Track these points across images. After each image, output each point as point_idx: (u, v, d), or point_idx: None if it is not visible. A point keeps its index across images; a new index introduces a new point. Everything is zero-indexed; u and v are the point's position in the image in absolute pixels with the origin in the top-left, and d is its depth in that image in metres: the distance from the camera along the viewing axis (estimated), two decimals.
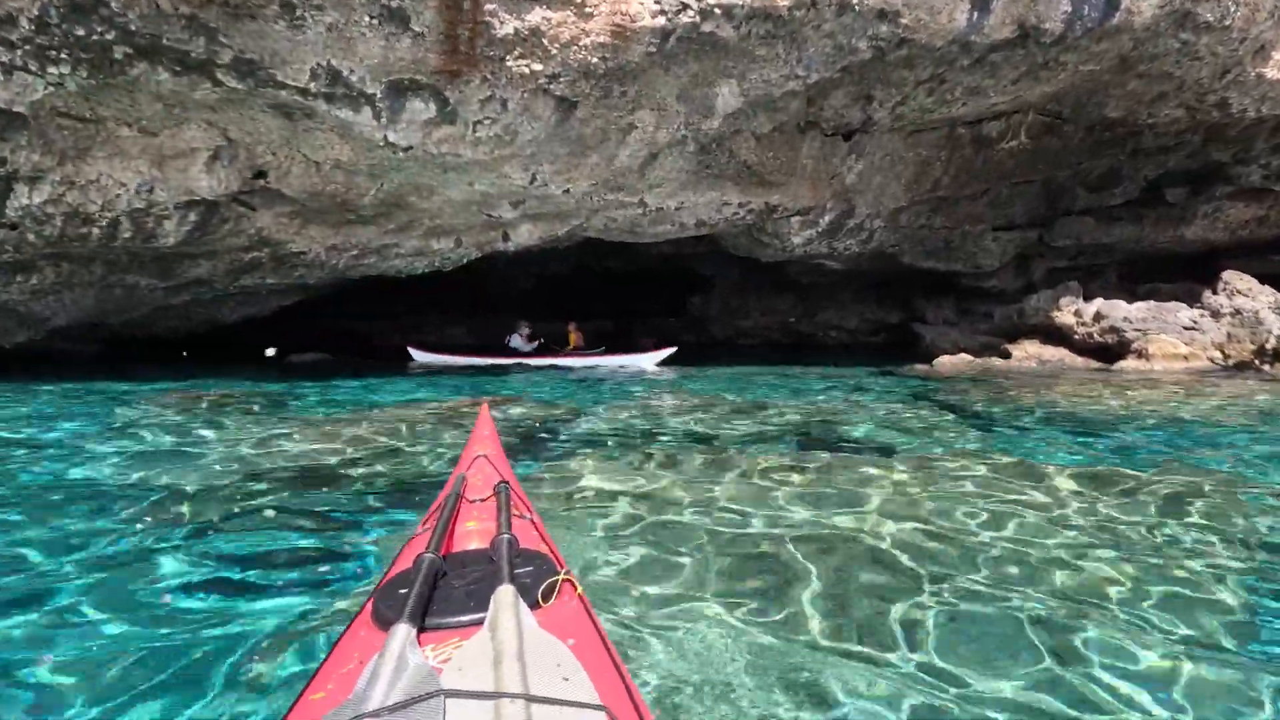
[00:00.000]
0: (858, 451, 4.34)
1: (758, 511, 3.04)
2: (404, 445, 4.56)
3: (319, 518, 3.03)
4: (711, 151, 9.10)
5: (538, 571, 1.30)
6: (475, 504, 1.75)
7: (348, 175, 7.76)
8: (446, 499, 1.71)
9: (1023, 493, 3.32)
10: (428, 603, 1.16)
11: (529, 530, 1.61)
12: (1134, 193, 12.76)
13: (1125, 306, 11.34)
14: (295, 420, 5.57)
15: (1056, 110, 10.64)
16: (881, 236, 12.61)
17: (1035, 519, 2.96)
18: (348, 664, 1.07)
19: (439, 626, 1.13)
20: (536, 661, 0.94)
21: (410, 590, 1.15)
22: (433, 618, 1.14)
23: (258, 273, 9.43)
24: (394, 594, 1.20)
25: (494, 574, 1.24)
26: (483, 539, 1.51)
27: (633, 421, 5.55)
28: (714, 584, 2.31)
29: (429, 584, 1.20)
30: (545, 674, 0.92)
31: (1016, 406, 6.48)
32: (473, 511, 1.70)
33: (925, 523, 2.92)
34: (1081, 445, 4.70)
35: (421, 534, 1.63)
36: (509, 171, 8.04)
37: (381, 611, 1.18)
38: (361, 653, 1.07)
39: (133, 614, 2.07)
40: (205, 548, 2.65)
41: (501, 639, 0.98)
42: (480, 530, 1.58)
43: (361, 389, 8.46)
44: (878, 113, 9.90)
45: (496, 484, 1.80)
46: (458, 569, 1.32)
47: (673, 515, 3.00)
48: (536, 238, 10.32)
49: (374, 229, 9.12)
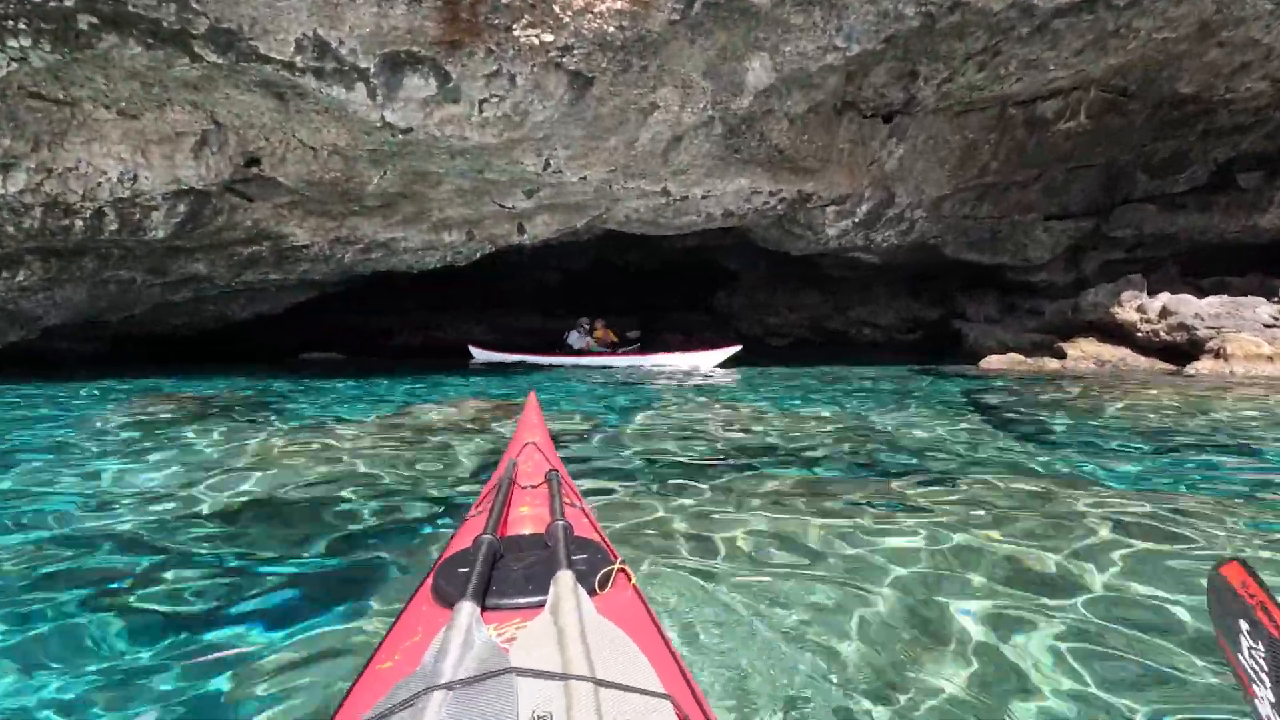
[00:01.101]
0: (940, 483, 3.54)
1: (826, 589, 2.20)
2: (385, 474, 3.93)
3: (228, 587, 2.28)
4: (740, 134, 8.37)
5: (592, 560, 1.30)
6: (527, 490, 1.77)
7: (347, 162, 7.20)
8: (499, 483, 1.72)
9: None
10: (488, 583, 1.18)
11: (580, 519, 1.62)
12: (1202, 178, 11.71)
13: (1195, 302, 10.34)
14: (264, 433, 4.92)
15: (1121, 86, 9.69)
16: (923, 227, 11.75)
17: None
18: (412, 637, 1.10)
19: (499, 607, 1.14)
20: (600, 646, 0.94)
21: (472, 569, 1.17)
22: (492, 598, 1.15)
23: (260, 268, 8.95)
24: (454, 572, 1.23)
25: (551, 559, 1.25)
26: (535, 524, 1.53)
27: (653, 441, 4.78)
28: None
29: (489, 565, 1.22)
30: (609, 659, 0.92)
31: (1106, 420, 5.48)
32: (525, 497, 1.73)
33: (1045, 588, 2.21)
34: (1211, 475, 3.76)
35: (476, 516, 1.67)
36: (520, 156, 7.41)
37: (442, 588, 1.20)
38: (424, 627, 1.10)
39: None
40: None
41: (564, 622, 0.99)
42: (532, 516, 1.60)
43: (358, 391, 7.91)
44: (922, 91, 9.08)
45: (547, 471, 1.81)
46: (514, 552, 1.33)
47: (715, 603, 2.10)
48: (553, 230, 9.69)
49: (379, 221, 8.57)
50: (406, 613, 1.21)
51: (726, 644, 1.81)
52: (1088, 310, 11.34)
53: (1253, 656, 0.84)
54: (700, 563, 2.38)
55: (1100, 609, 2.04)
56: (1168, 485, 3.47)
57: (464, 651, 0.91)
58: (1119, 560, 2.38)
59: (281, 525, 2.90)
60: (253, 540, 2.70)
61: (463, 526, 1.67)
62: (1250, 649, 0.84)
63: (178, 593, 2.22)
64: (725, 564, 2.38)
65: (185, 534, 2.78)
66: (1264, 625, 0.83)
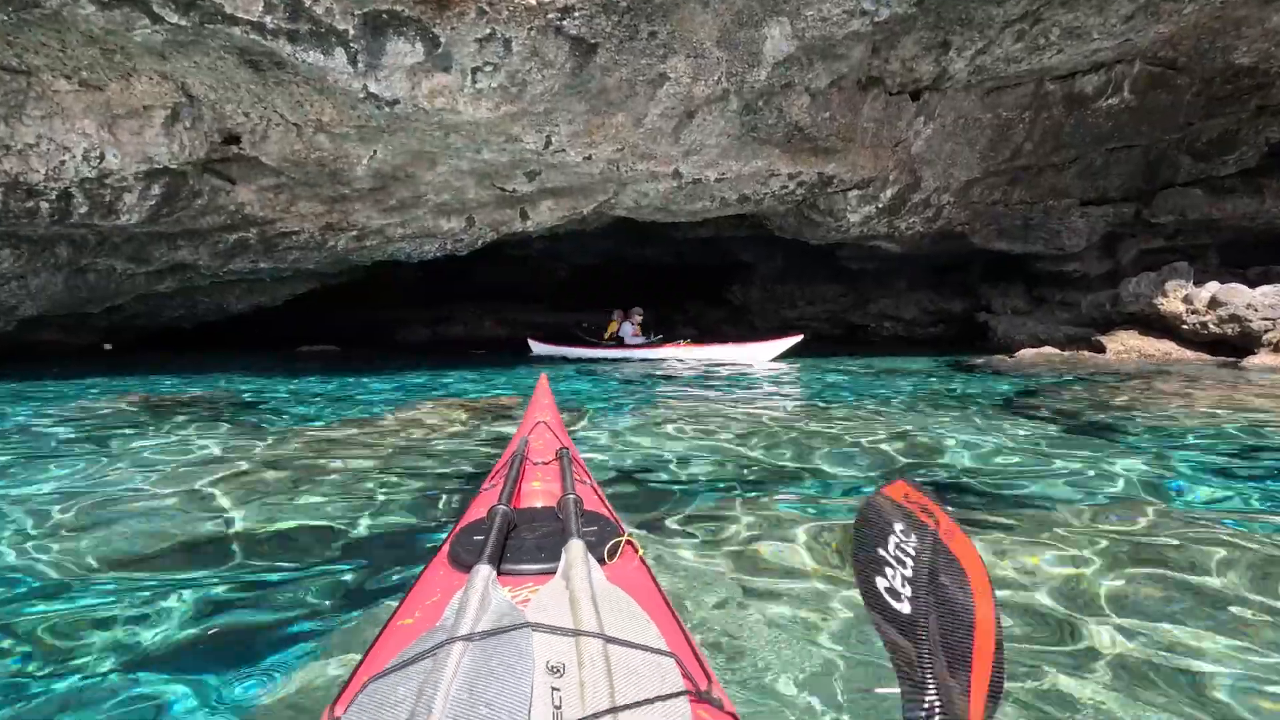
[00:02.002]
0: (1018, 506, 2.81)
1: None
2: (324, 494, 3.07)
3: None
4: (758, 111, 7.77)
5: (601, 532, 1.33)
6: (539, 466, 1.81)
7: (334, 140, 6.70)
8: (512, 459, 1.77)
9: None
10: (502, 550, 1.21)
11: (590, 494, 1.65)
12: (1251, 160, 10.93)
13: (1247, 291, 9.60)
14: (211, 438, 4.27)
15: (1170, 58, 8.97)
16: (950, 214, 11.08)
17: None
18: (431, 597, 1.13)
19: (513, 572, 1.16)
20: (609, 608, 0.97)
21: (487, 537, 1.20)
22: (507, 564, 1.18)
23: (247, 256, 8.49)
24: (470, 539, 1.27)
25: (562, 530, 1.29)
26: (546, 499, 1.57)
27: (649, 447, 4.09)
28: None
29: (503, 533, 1.25)
30: (617, 620, 0.95)
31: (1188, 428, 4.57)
32: (536, 473, 1.76)
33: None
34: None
35: (489, 490, 1.73)
36: (519, 134, 6.87)
37: (459, 554, 1.24)
38: (442, 589, 1.13)
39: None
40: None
41: (576, 586, 1.01)
42: (544, 490, 1.63)
43: (344, 389, 7.42)
44: (954, 64, 8.42)
45: (559, 449, 1.86)
46: (527, 523, 1.36)
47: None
48: (558, 217, 9.15)
49: (372, 206, 8.07)
50: (424, 577, 1.25)
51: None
52: (1129, 301, 10.62)
53: (899, 549, 0.81)
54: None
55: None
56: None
57: (482, 609, 0.93)
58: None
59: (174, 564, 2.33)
60: (131, 582, 2.14)
61: (477, 499, 1.71)
62: (898, 544, 0.82)
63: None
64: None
65: (37, 556, 2.27)
66: (922, 522, 0.81)
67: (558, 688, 0.79)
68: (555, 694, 0.78)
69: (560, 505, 1.41)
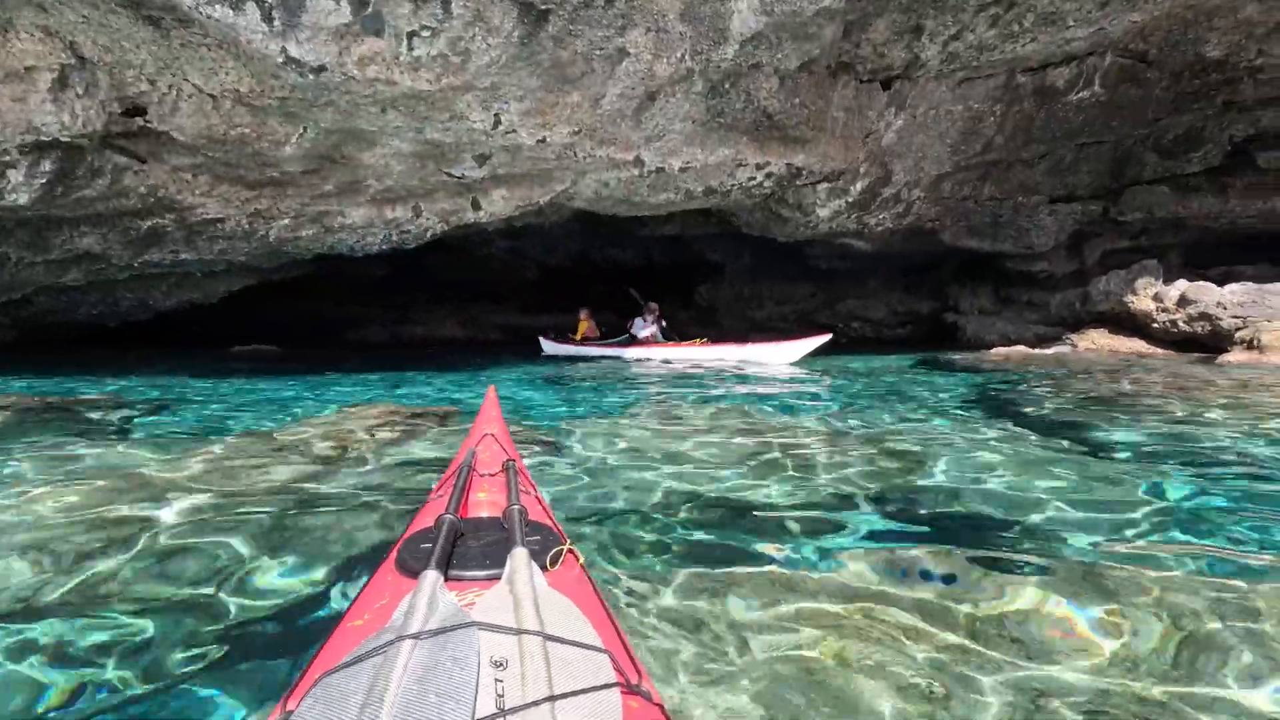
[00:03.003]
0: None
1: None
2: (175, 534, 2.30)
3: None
4: (724, 94, 7.31)
5: (544, 541, 1.37)
6: (485, 477, 1.85)
7: (256, 115, 6.01)
8: (459, 469, 1.82)
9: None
10: (449, 557, 1.25)
11: (534, 505, 1.68)
12: (1215, 158, 10.89)
13: (1216, 290, 9.50)
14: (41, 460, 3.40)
15: (1142, 51, 8.80)
16: (920, 209, 10.81)
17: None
18: (380, 600, 1.15)
19: (460, 578, 1.21)
20: (549, 611, 1.02)
21: (434, 544, 1.23)
22: (453, 570, 1.22)
23: (166, 246, 7.71)
24: (417, 547, 1.31)
25: (507, 538, 1.33)
26: (492, 509, 1.62)
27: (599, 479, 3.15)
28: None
29: (450, 540, 1.29)
30: (557, 620, 1.00)
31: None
32: (483, 484, 1.80)
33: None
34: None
35: (437, 499, 1.74)
36: (465, 111, 6.28)
37: (406, 560, 1.26)
38: (391, 593, 1.16)
39: None
40: None
41: (519, 590, 1.05)
42: (490, 501, 1.68)
43: (259, 395, 6.71)
44: (926, 50, 8.10)
45: (505, 461, 1.89)
46: (473, 532, 1.41)
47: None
48: (513, 207, 8.55)
49: (306, 191, 7.38)
50: (372, 583, 1.27)
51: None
52: (1099, 299, 10.47)
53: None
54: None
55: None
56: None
57: (430, 610, 0.98)
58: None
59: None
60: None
61: (424, 508, 1.73)
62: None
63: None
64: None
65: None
66: None
67: (501, 679, 0.85)
68: (499, 684, 0.84)
69: (505, 515, 1.45)
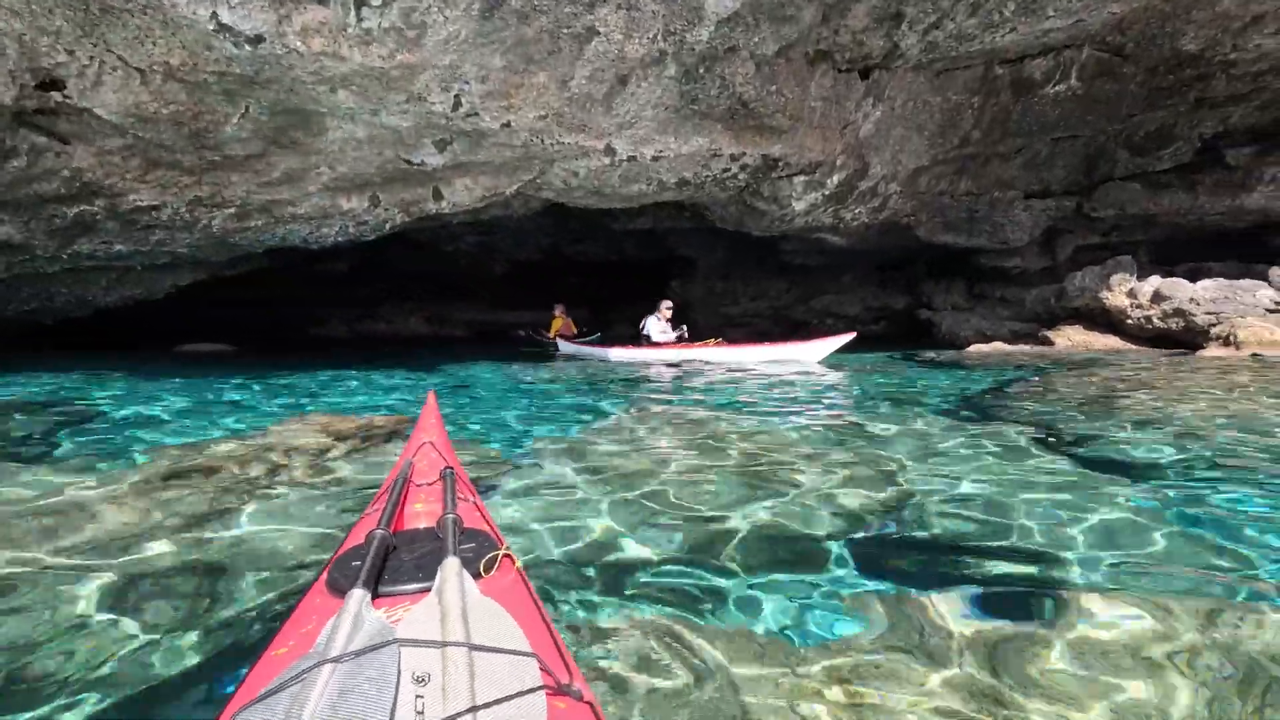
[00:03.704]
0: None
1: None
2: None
3: None
4: (699, 79, 6.98)
5: (480, 547, 1.36)
6: (422, 488, 1.84)
7: (191, 91, 5.51)
8: (394, 482, 1.79)
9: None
10: (380, 573, 1.23)
11: (472, 511, 1.67)
12: (1185, 155, 10.92)
13: (1189, 286, 9.50)
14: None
15: (1118, 44, 8.71)
16: (896, 204, 10.63)
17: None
18: (306, 625, 1.13)
19: (390, 594, 1.19)
20: (478, 619, 1.02)
21: (363, 562, 1.21)
22: (384, 585, 1.20)
23: (97, 236, 7.12)
24: (347, 565, 1.27)
25: (440, 548, 1.32)
26: (429, 520, 1.60)
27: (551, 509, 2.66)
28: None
29: (380, 556, 1.27)
30: (485, 628, 0.99)
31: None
32: (420, 495, 1.79)
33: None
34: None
35: (371, 514, 1.70)
36: (423, 91, 5.85)
37: (336, 580, 1.23)
38: (319, 616, 1.14)
39: None
40: None
41: (448, 601, 1.04)
42: (427, 512, 1.67)
43: (197, 401, 6.21)
44: (906, 39, 7.88)
45: (442, 469, 1.86)
46: (407, 544, 1.39)
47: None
48: (478, 197, 8.12)
49: (252, 178, 6.86)
50: (302, 605, 1.24)
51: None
52: (1074, 295, 10.42)
53: None
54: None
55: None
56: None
57: (354, 631, 0.96)
58: None
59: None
60: None
61: (357, 524, 1.69)
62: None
63: None
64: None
65: None
66: None
67: (421, 695, 0.84)
68: (419, 700, 0.83)
69: (440, 524, 1.44)
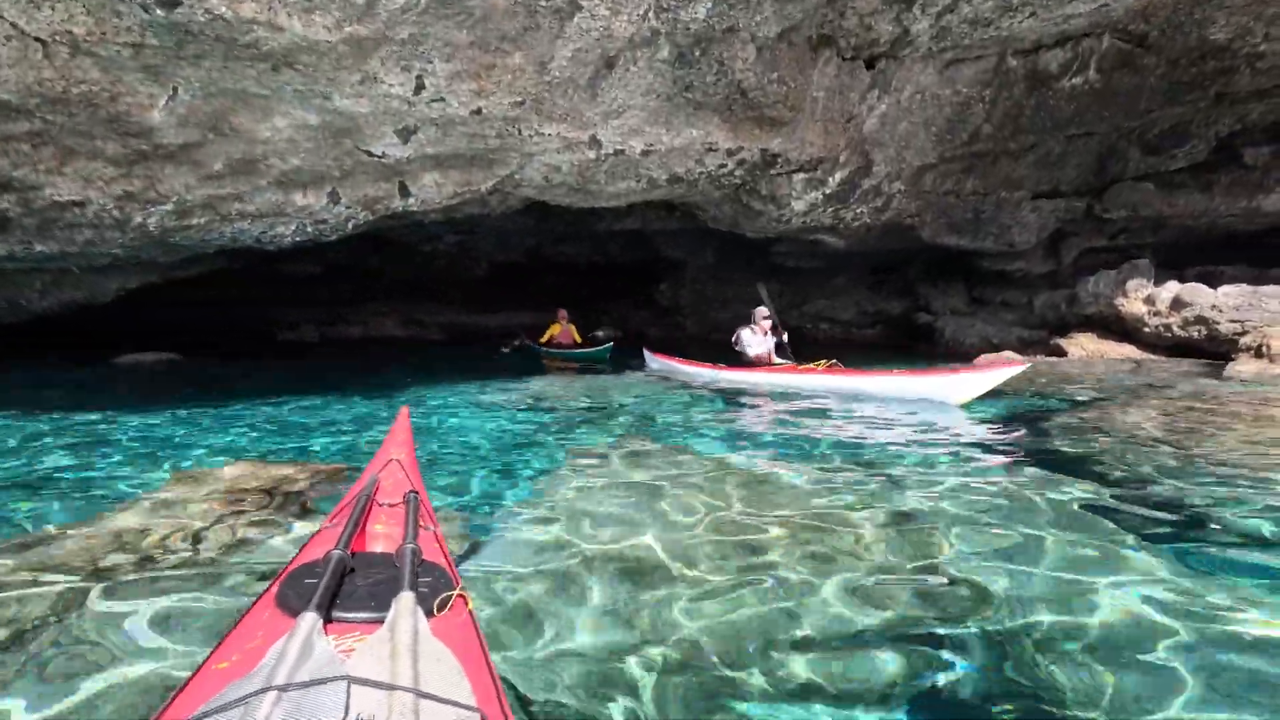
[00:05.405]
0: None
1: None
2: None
3: None
4: (694, 63, 6.28)
5: (435, 584, 1.34)
6: (385, 508, 1.79)
7: (106, 70, 4.71)
8: (357, 498, 1.74)
9: None
10: (334, 595, 1.21)
11: (431, 542, 1.63)
12: (1201, 154, 10.39)
13: (1209, 292, 8.95)
14: None
15: (1142, 33, 8.12)
16: (900, 204, 10.01)
17: None
18: (251, 640, 1.11)
19: (342, 620, 1.17)
20: (428, 664, 1.00)
21: (319, 582, 1.20)
22: (337, 610, 1.19)
23: (13, 235, 6.28)
24: (300, 583, 1.26)
25: (396, 579, 1.29)
26: (388, 543, 1.57)
27: None
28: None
29: (336, 579, 1.25)
30: (433, 674, 0.98)
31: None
32: (381, 515, 1.74)
33: None
34: None
35: (330, 529, 1.66)
36: (379, 72, 5.09)
37: (287, 597, 1.22)
38: (265, 632, 1.12)
39: None
40: None
41: (399, 639, 1.03)
42: (386, 534, 1.63)
43: (49, 460, 5.36)
44: (917, 24, 7.24)
45: (407, 492, 1.82)
46: (364, 568, 1.36)
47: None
48: (449, 194, 7.35)
49: (190, 170, 6.05)
50: (248, 617, 1.22)
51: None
52: (1087, 302, 9.86)
53: None
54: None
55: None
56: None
57: (302, 658, 0.94)
58: None
59: None
60: None
61: (315, 537, 1.65)
62: None
63: None
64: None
65: None
66: None
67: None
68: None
69: (398, 554, 1.41)
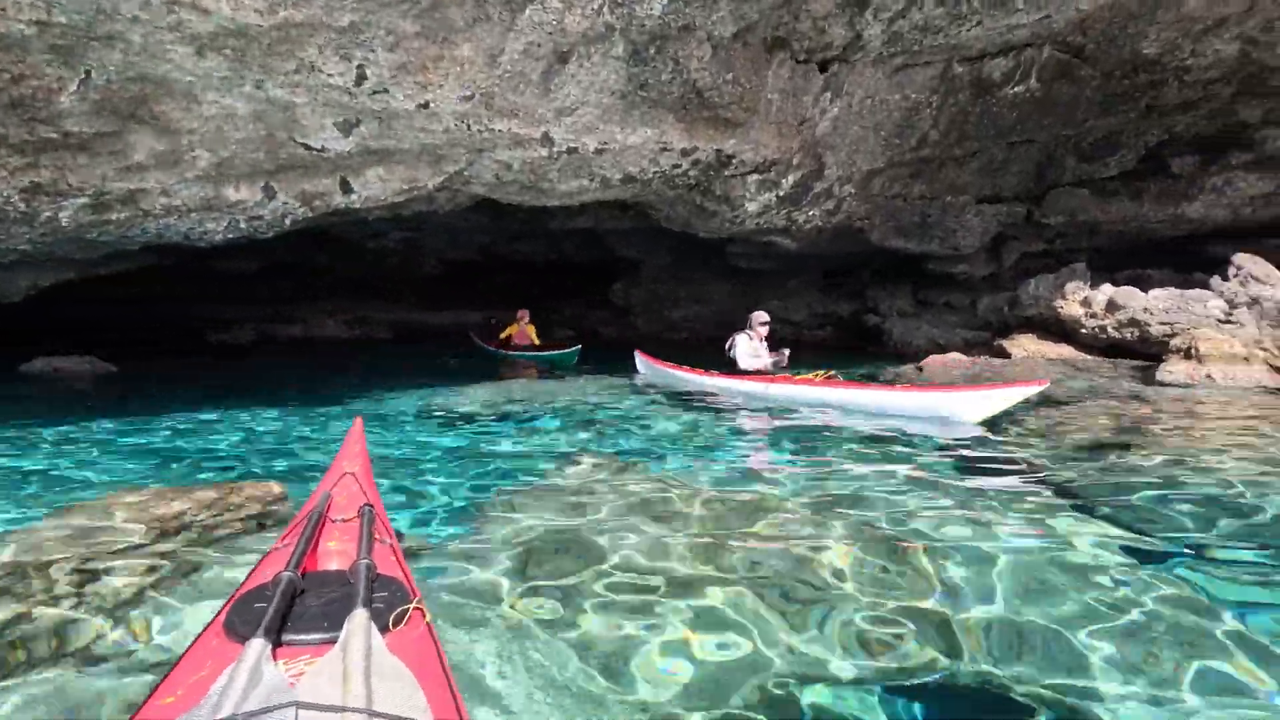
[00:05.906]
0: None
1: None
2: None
3: None
4: (649, 60, 6.16)
5: (391, 597, 1.30)
6: (338, 524, 1.73)
7: (9, 49, 4.29)
8: (309, 516, 1.69)
9: None
10: (284, 618, 1.18)
11: (387, 555, 1.59)
12: (1130, 162, 10.87)
13: (1141, 295, 9.35)
14: None
15: (1080, 45, 8.41)
16: (850, 207, 10.13)
17: None
18: (199, 671, 1.08)
19: (292, 643, 1.14)
20: (381, 682, 0.97)
21: (268, 606, 1.17)
22: (288, 634, 1.16)
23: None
24: (249, 607, 1.22)
25: (350, 597, 1.25)
26: (342, 560, 1.52)
27: None
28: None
29: (286, 601, 1.22)
30: (388, 693, 0.95)
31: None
32: (335, 531, 1.69)
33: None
34: None
35: (281, 549, 1.60)
36: (317, 60, 4.80)
37: (235, 624, 1.19)
38: (214, 661, 1.09)
39: None
40: None
41: (351, 660, 1.00)
42: (340, 551, 1.58)
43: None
44: (870, 28, 7.31)
45: (361, 506, 1.76)
46: (316, 588, 1.32)
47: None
48: (394, 190, 7.03)
49: (107, 162, 5.59)
50: (196, 647, 1.19)
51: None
52: (1028, 304, 10.17)
53: None
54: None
55: None
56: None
57: (250, 686, 0.92)
58: None
59: None
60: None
61: (265, 558, 1.60)
62: None
63: None
64: None
65: None
66: None
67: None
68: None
69: (352, 571, 1.36)
